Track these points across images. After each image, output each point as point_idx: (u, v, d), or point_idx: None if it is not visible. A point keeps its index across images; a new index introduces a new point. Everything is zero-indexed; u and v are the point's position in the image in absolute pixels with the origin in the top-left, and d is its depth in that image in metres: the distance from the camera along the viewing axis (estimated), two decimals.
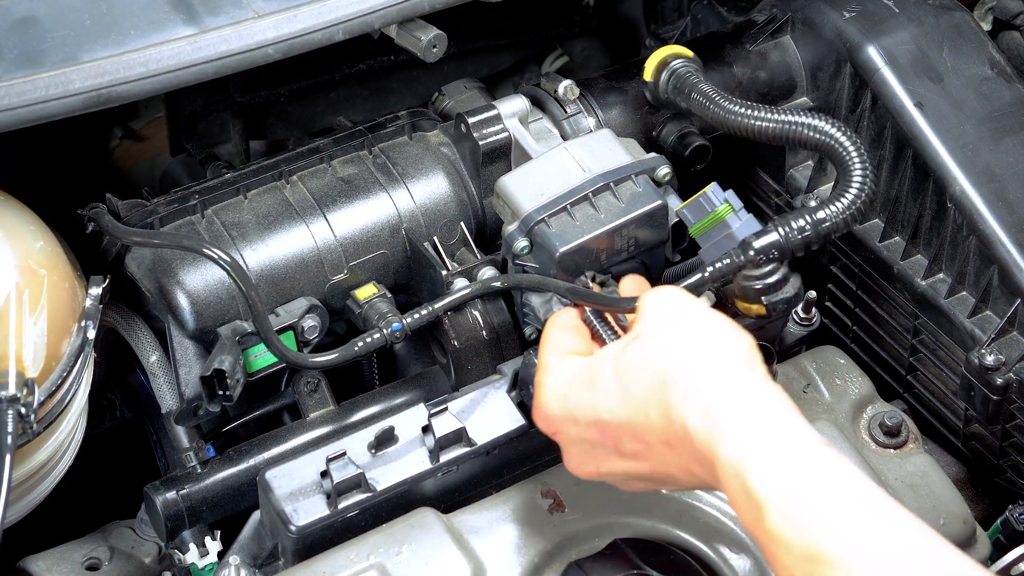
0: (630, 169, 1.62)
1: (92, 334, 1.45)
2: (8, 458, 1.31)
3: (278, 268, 1.60)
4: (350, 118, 1.83)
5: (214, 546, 1.60)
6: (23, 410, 1.33)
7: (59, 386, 1.41)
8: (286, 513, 1.41)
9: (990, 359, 1.57)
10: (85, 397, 1.49)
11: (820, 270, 1.82)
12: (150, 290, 1.58)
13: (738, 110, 1.60)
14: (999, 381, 1.57)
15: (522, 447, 1.51)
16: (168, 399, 1.59)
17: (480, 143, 1.68)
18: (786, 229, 1.44)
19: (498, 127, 1.69)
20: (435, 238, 1.66)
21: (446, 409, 1.48)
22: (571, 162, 1.62)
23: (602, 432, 1.31)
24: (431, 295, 1.63)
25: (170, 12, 1.50)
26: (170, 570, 1.62)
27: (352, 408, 1.63)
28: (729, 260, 1.44)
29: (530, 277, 1.58)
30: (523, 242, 1.58)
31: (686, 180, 1.72)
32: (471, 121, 1.69)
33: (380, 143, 1.71)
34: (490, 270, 1.63)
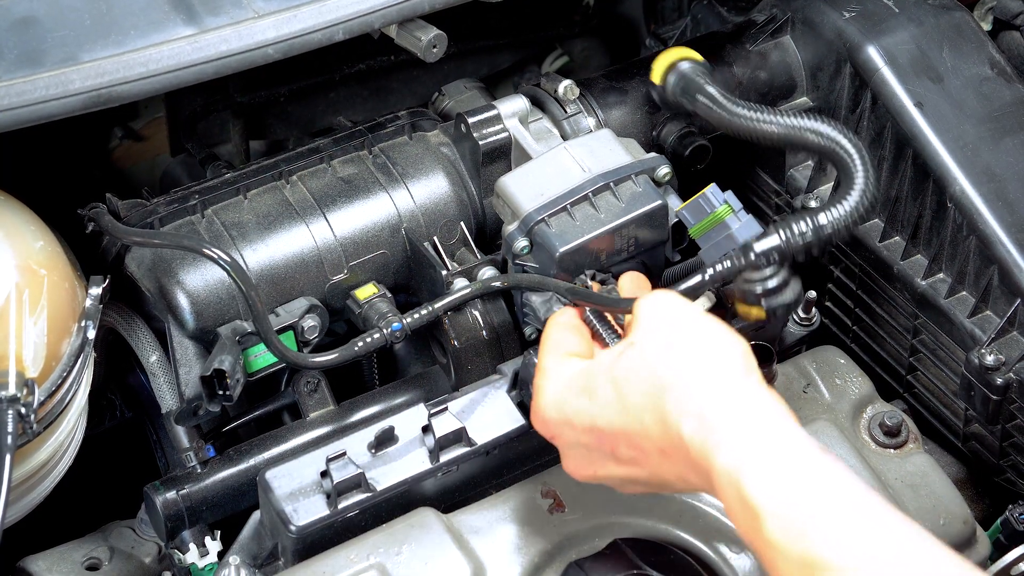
0: (630, 169, 1.62)
1: (92, 334, 1.45)
2: (8, 458, 1.31)
3: (278, 268, 1.60)
4: (350, 118, 1.83)
5: (214, 546, 1.60)
6: (23, 410, 1.33)
7: (59, 386, 1.41)
8: (286, 513, 1.41)
9: (990, 359, 1.57)
10: (85, 397, 1.49)
11: (820, 270, 1.82)
12: (150, 290, 1.58)
13: (742, 113, 1.59)
14: (999, 381, 1.57)
15: (522, 447, 1.51)
16: (168, 399, 1.59)
17: (480, 143, 1.68)
18: (787, 233, 1.43)
19: (498, 127, 1.69)
20: (435, 238, 1.66)
21: (446, 409, 1.47)
22: (571, 162, 1.62)
23: (598, 438, 1.31)
24: (431, 295, 1.63)
25: (170, 12, 1.50)
26: (170, 570, 1.62)
27: (352, 408, 1.63)
28: (729, 263, 1.43)
29: (530, 277, 1.58)
30: (523, 242, 1.58)
31: (686, 180, 1.72)
32: (471, 121, 1.69)
33: (380, 143, 1.71)
34: (490, 270, 1.63)
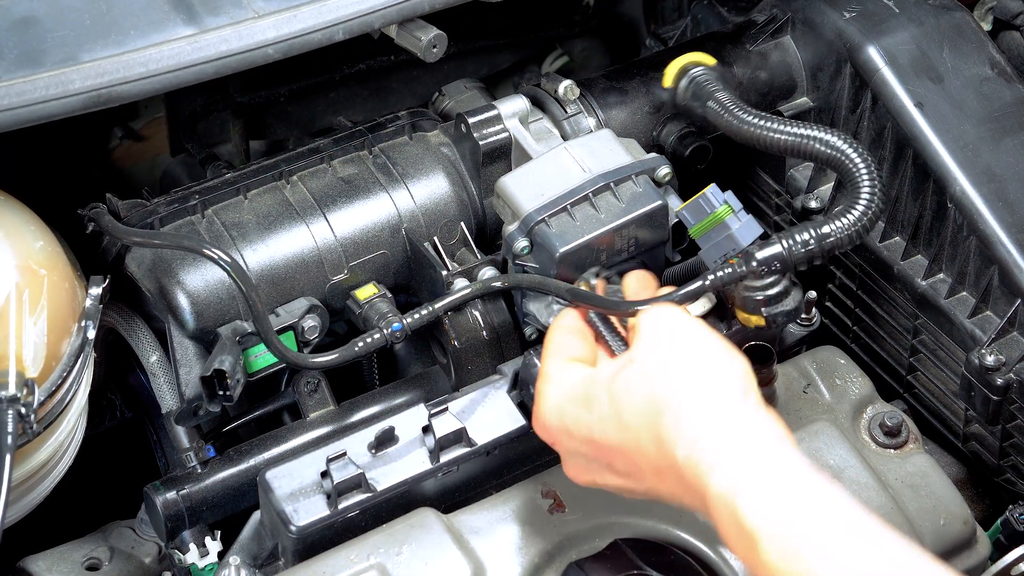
0: (630, 169, 1.62)
1: (92, 334, 1.45)
2: (8, 458, 1.30)
3: (278, 268, 1.60)
4: (350, 118, 1.83)
5: (214, 546, 1.60)
6: (23, 410, 1.33)
7: (59, 386, 1.41)
8: (286, 513, 1.41)
9: (990, 359, 1.57)
10: (85, 397, 1.49)
11: (820, 270, 1.82)
12: (150, 290, 1.58)
13: (750, 121, 1.59)
14: (999, 381, 1.57)
15: (522, 447, 1.51)
16: (168, 399, 1.59)
17: (480, 143, 1.68)
18: (790, 242, 1.43)
19: (498, 127, 1.69)
20: (435, 238, 1.66)
21: (446, 409, 1.47)
22: (571, 162, 1.62)
23: (595, 450, 1.32)
24: (431, 295, 1.63)
25: (170, 12, 1.50)
26: (170, 570, 1.62)
27: (352, 408, 1.63)
28: (730, 269, 1.43)
29: (530, 277, 1.58)
30: (523, 242, 1.58)
31: (686, 180, 1.72)
32: (471, 121, 1.68)
33: (380, 143, 1.71)
34: (490, 270, 1.63)
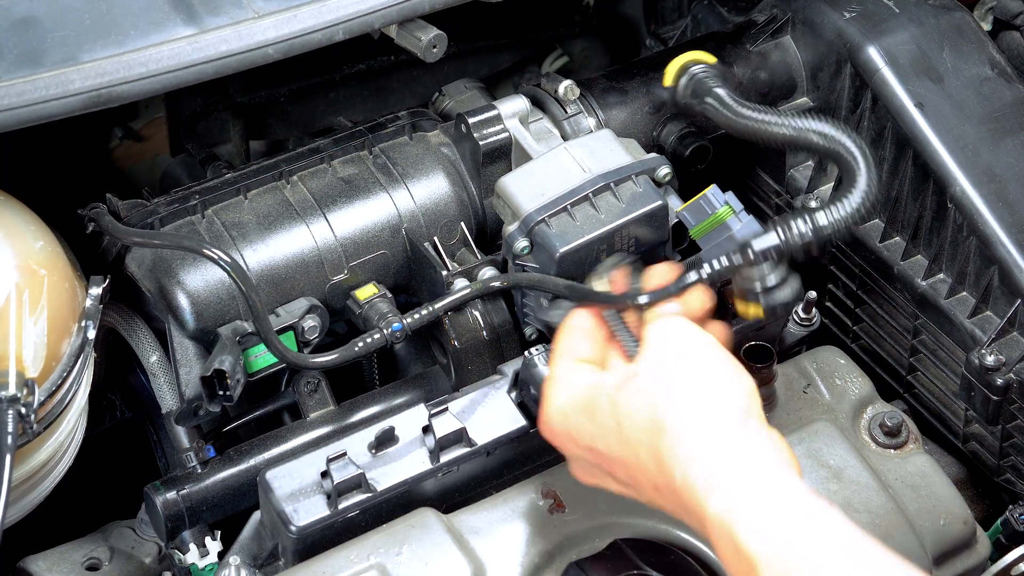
0: (630, 169, 1.62)
1: (92, 334, 1.45)
2: (8, 458, 1.30)
3: (278, 268, 1.60)
4: (350, 118, 1.83)
5: (214, 546, 1.60)
6: (23, 410, 1.33)
7: (59, 386, 1.41)
8: (286, 513, 1.41)
9: (990, 359, 1.57)
10: (85, 397, 1.49)
11: (820, 270, 1.82)
12: (150, 290, 1.58)
13: (746, 114, 1.59)
14: (999, 381, 1.57)
15: (522, 447, 1.51)
16: (168, 399, 1.59)
17: (480, 143, 1.68)
18: (786, 232, 1.43)
19: (498, 127, 1.69)
20: (435, 238, 1.66)
21: (446, 409, 1.47)
22: (571, 162, 1.62)
23: (597, 458, 1.33)
24: (431, 295, 1.63)
25: (170, 12, 1.50)
26: (170, 570, 1.62)
27: (352, 408, 1.63)
28: (727, 260, 1.43)
29: (529, 276, 1.58)
30: (523, 242, 1.58)
31: (686, 180, 1.72)
32: (471, 121, 1.68)
33: (380, 143, 1.71)
34: (490, 270, 1.63)
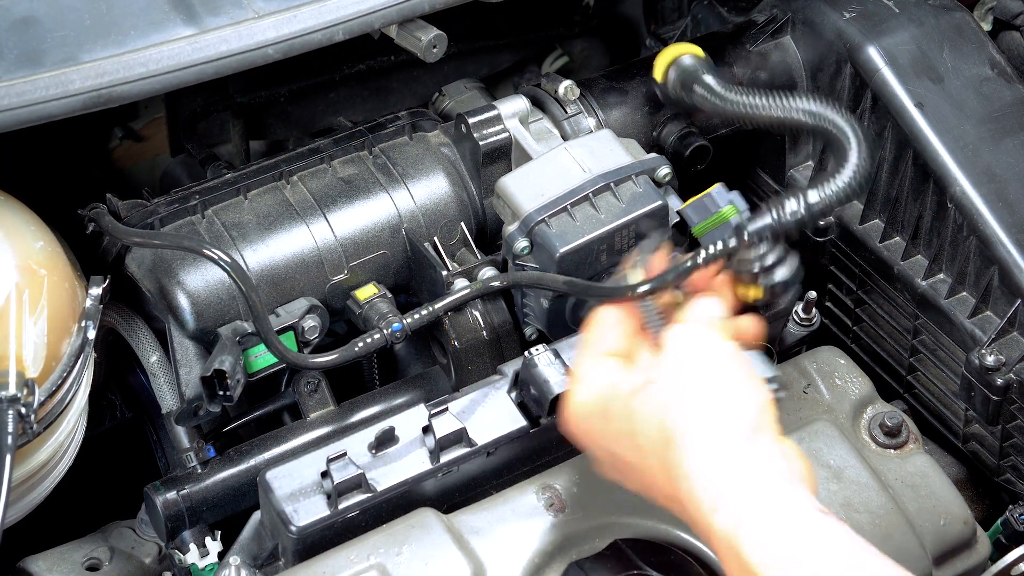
0: (630, 169, 1.62)
1: (92, 334, 1.45)
2: (8, 458, 1.30)
3: (278, 268, 1.60)
4: (350, 118, 1.83)
5: (214, 546, 1.60)
6: (23, 410, 1.33)
7: (59, 386, 1.41)
8: (286, 513, 1.41)
9: (990, 359, 1.57)
10: (85, 397, 1.49)
11: (820, 270, 1.82)
12: (150, 290, 1.58)
13: (734, 98, 1.58)
14: (999, 381, 1.57)
15: (522, 447, 1.51)
16: (168, 399, 1.59)
17: (480, 143, 1.68)
18: (779, 210, 1.42)
19: (498, 127, 1.69)
20: (435, 238, 1.66)
21: (446, 409, 1.47)
22: (571, 162, 1.62)
23: (613, 459, 1.33)
24: (431, 295, 1.63)
25: (170, 12, 1.50)
26: (170, 570, 1.62)
27: (352, 408, 1.63)
28: (723, 244, 1.41)
29: (529, 274, 1.58)
30: (523, 242, 1.58)
31: (686, 180, 1.72)
32: (471, 121, 1.68)
33: (380, 143, 1.71)
34: (490, 270, 1.63)
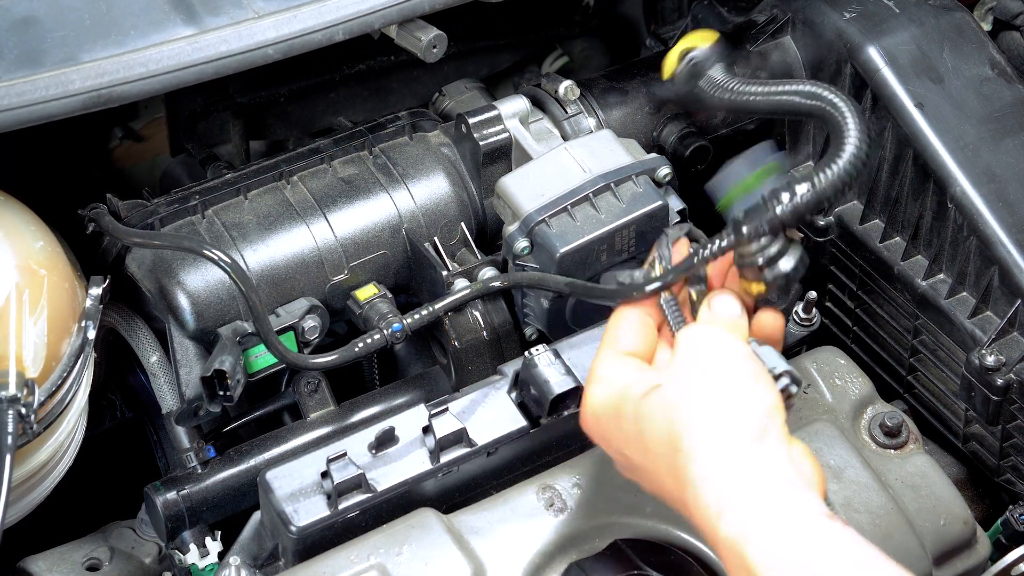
0: (630, 169, 1.62)
1: (92, 334, 1.45)
2: (8, 458, 1.30)
3: (278, 268, 1.60)
4: (350, 118, 1.83)
5: (214, 546, 1.60)
6: (23, 410, 1.33)
7: (59, 386, 1.41)
8: (286, 513, 1.41)
9: (990, 360, 1.57)
10: (85, 397, 1.49)
11: (820, 270, 1.82)
12: (150, 290, 1.58)
13: (733, 88, 1.56)
14: (999, 382, 1.57)
15: (522, 447, 1.51)
16: (168, 399, 1.59)
17: (481, 143, 1.68)
18: (775, 201, 1.40)
19: (499, 127, 1.69)
20: (435, 238, 1.66)
21: (447, 410, 1.47)
22: (571, 162, 1.62)
23: (626, 461, 1.33)
24: (431, 295, 1.63)
25: (170, 12, 1.50)
26: (170, 570, 1.62)
27: (352, 408, 1.63)
28: (720, 242, 1.39)
29: (529, 275, 1.58)
30: (524, 242, 1.58)
31: (686, 180, 1.72)
32: (472, 121, 1.68)
33: (380, 143, 1.71)
34: (490, 270, 1.63)
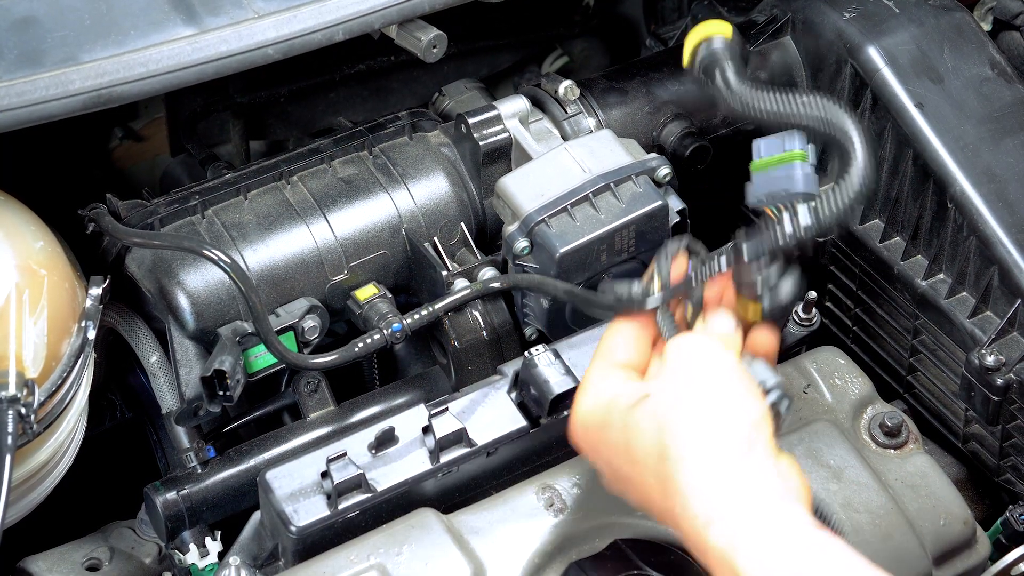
0: (630, 169, 1.62)
1: (92, 334, 1.45)
2: (8, 458, 1.30)
3: (278, 268, 1.60)
4: (350, 118, 1.83)
5: (214, 546, 1.60)
6: (23, 410, 1.33)
7: (59, 386, 1.41)
8: (286, 514, 1.41)
9: (990, 360, 1.57)
10: (85, 397, 1.49)
11: (820, 270, 1.82)
12: (150, 290, 1.58)
13: (749, 99, 1.50)
14: (999, 382, 1.57)
15: (522, 447, 1.51)
16: (168, 399, 1.59)
17: (480, 143, 1.68)
18: (777, 229, 1.39)
19: (498, 127, 1.69)
20: (435, 238, 1.66)
21: (446, 409, 1.47)
22: (571, 162, 1.62)
23: (614, 472, 1.33)
24: (431, 295, 1.63)
25: (170, 12, 1.50)
26: (170, 570, 1.62)
27: (352, 408, 1.63)
28: (721, 264, 1.40)
29: (529, 277, 1.58)
30: (523, 242, 1.58)
31: (686, 180, 1.72)
32: (471, 121, 1.68)
33: (380, 143, 1.71)
34: (490, 271, 1.63)
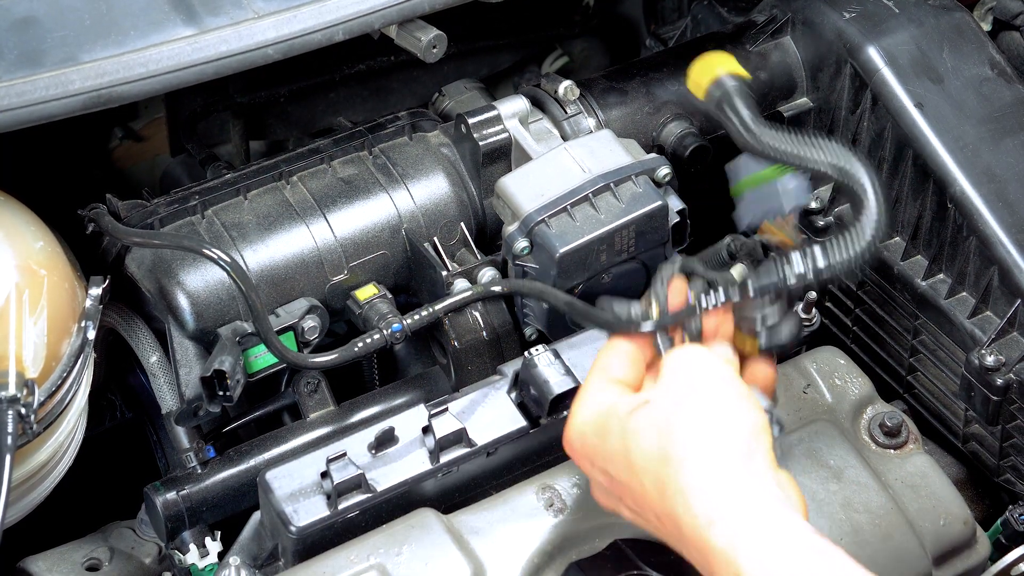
0: (630, 169, 1.62)
1: (92, 334, 1.45)
2: (8, 458, 1.30)
3: (278, 269, 1.60)
4: (350, 118, 1.83)
5: (214, 546, 1.60)
6: (23, 410, 1.33)
7: (59, 386, 1.41)
8: (286, 514, 1.41)
9: (990, 360, 1.57)
10: (85, 397, 1.49)
11: None
12: (150, 291, 1.58)
13: (764, 138, 1.46)
14: (999, 382, 1.57)
15: (522, 447, 1.51)
16: (168, 399, 1.59)
17: (480, 144, 1.68)
18: (785, 272, 1.38)
19: (498, 128, 1.69)
20: (435, 239, 1.66)
21: (446, 410, 1.47)
22: (571, 162, 1.62)
23: (610, 482, 1.32)
24: (431, 296, 1.63)
25: (170, 12, 1.50)
26: (170, 570, 1.62)
27: (352, 409, 1.63)
28: (723, 297, 1.38)
29: (531, 284, 1.58)
30: (523, 243, 1.58)
31: (686, 180, 1.72)
32: (471, 122, 1.68)
33: (380, 143, 1.71)
34: (490, 271, 1.63)
